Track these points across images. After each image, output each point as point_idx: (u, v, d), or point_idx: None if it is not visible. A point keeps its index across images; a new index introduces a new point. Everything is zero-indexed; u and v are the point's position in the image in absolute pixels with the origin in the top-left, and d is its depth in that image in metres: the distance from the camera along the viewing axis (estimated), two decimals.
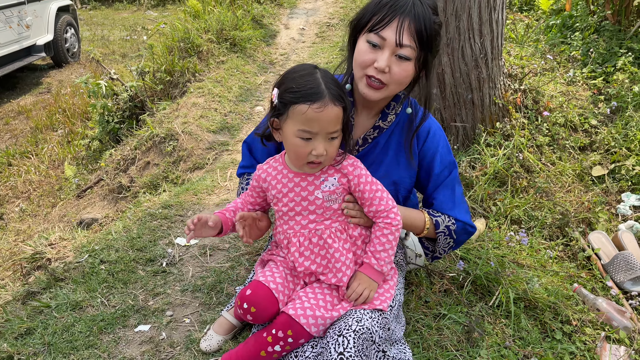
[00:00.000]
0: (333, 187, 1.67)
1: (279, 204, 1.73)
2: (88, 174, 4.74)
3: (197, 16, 6.17)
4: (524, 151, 3.03)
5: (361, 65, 1.64)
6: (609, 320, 2.16)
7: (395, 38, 1.55)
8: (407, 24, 1.54)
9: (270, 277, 1.69)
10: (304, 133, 1.54)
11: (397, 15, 1.54)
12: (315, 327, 1.57)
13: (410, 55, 1.58)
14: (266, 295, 1.64)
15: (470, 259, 2.33)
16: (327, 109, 1.51)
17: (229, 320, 1.88)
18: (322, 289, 1.68)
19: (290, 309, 1.60)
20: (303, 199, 1.69)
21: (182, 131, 4.04)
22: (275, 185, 1.72)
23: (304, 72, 1.58)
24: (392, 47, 1.57)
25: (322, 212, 1.69)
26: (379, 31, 1.57)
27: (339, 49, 5.91)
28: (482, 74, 2.92)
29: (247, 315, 1.63)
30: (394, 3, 1.55)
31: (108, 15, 12.28)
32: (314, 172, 1.67)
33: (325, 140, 1.56)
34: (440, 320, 2.01)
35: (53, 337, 1.91)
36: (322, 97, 1.51)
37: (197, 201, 3.02)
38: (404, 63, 1.60)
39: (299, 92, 1.53)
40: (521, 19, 5.13)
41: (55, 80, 7.85)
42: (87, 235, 2.97)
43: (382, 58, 1.58)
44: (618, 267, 2.51)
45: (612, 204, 2.96)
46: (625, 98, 3.49)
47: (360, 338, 1.51)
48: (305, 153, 1.58)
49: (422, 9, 1.55)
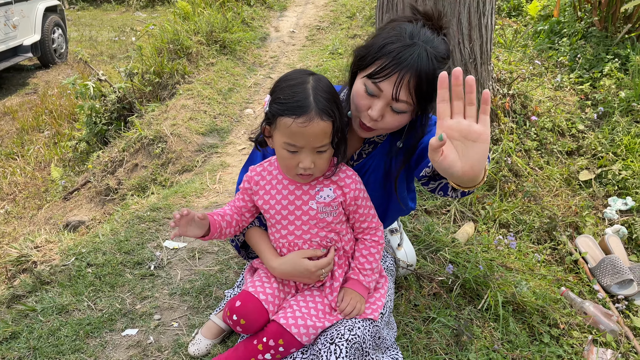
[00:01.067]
0: (329, 199, 1.63)
1: (270, 210, 1.68)
2: (75, 175, 4.69)
3: (187, 18, 6.15)
4: (513, 155, 3.05)
5: (357, 108, 1.58)
6: (596, 324, 2.18)
7: (391, 92, 1.47)
8: (407, 80, 1.44)
9: (260, 288, 1.66)
10: (290, 146, 1.49)
11: (398, 69, 1.44)
12: (306, 337, 1.57)
13: (405, 109, 1.51)
14: (256, 306, 1.61)
15: (459, 263, 2.33)
16: (313, 123, 1.43)
17: (218, 325, 1.87)
18: (314, 297, 1.67)
19: (282, 317, 1.59)
20: (297, 208, 1.65)
21: (171, 133, 4.02)
22: (269, 191, 1.68)
23: (295, 82, 1.50)
24: (387, 99, 1.49)
25: (315, 222, 1.65)
26: (377, 82, 1.48)
27: (329, 52, 5.92)
28: None
29: (237, 326, 1.61)
30: (398, 54, 1.44)
31: (96, 16, 12.19)
32: (305, 182, 1.63)
33: (313, 153, 1.51)
34: (429, 324, 2.01)
35: (39, 341, 1.88)
36: (308, 111, 1.43)
37: (186, 204, 3.00)
38: (398, 115, 1.53)
39: (285, 105, 1.46)
40: (510, 24, 5.17)
41: (42, 81, 7.77)
42: (74, 237, 2.94)
43: (376, 108, 1.50)
44: (605, 270, 2.54)
45: (599, 208, 2.99)
46: (612, 103, 3.53)
47: (352, 347, 1.51)
48: (292, 165, 1.54)
49: (426, 63, 1.43)
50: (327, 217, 1.64)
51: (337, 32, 6.75)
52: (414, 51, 1.43)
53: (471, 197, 2.83)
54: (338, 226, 1.68)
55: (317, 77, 1.54)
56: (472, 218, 2.79)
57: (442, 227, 2.66)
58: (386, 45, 1.46)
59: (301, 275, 1.66)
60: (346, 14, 7.41)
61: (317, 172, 1.57)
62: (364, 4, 7.46)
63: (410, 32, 1.47)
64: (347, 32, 6.54)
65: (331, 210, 1.64)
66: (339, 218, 1.67)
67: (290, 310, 1.62)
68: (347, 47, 5.91)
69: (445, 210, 2.81)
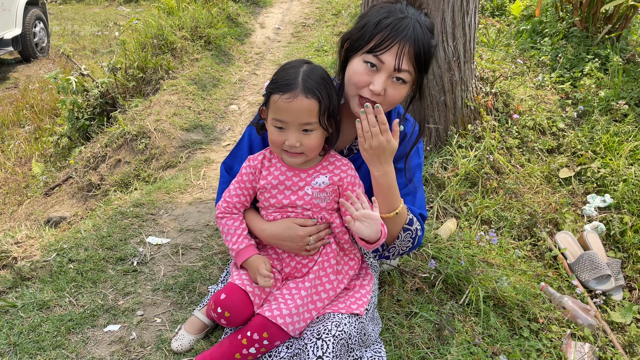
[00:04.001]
0: (323, 185, 1.70)
1: (265, 194, 1.75)
2: (56, 171, 4.63)
3: (171, 13, 6.09)
4: (494, 153, 3.09)
5: (356, 86, 1.61)
6: (574, 318, 2.22)
7: (394, 63, 1.54)
8: (407, 49, 1.53)
9: (246, 280, 1.68)
10: (277, 122, 1.60)
11: (398, 40, 1.52)
12: (292, 326, 1.58)
13: (407, 79, 1.59)
14: (241, 299, 1.63)
15: (441, 258, 2.36)
16: (297, 100, 1.54)
17: (201, 320, 1.87)
18: (299, 290, 1.69)
19: (266, 310, 1.60)
20: (292, 193, 1.72)
21: (155, 129, 3.99)
22: (265, 176, 1.75)
23: (291, 66, 1.63)
24: (389, 71, 1.56)
25: (309, 207, 1.72)
26: (379, 54, 1.55)
27: (314, 49, 5.92)
28: (455, 76, 2.97)
29: (221, 319, 1.62)
30: (395, 25, 1.53)
31: (79, 10, 12.01)
32: (296, 163, 1.70)
33: (299, 131, 1.59)
34: (412, 319, 2.03)
35: (19, 337, 1.86)
36: (294, 88, 1.55)
37: (170, 200, 2.98)
38: (400, 86, 1.60)
39: (276, 83, 1.59)
40: (493, 23, 5.23)
41: (23, 75, 7.65)
42: (55, 233, 2.91)
43: (379, 81, 1.56)
44: (583, 266, 2.58)
45: (578, 205, 3.04)
46: (592, 102, 3.59)
47: (338, 343, 1.53)
48: (279, 142, 1.63)
49: (421, 32, 1.54)
50: (321, 203, 1.72)
51: (322, 29, 6.75)
52: (408, 23, 1.54)
53: (454, 193, 2.86)
54: (329, 213, 1.74)
55: (313, 65, 1.65)
56: (454, 214, 2.82)
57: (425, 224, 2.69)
58: (381, 21, 1.55)
59: (290, 239, 1.71)
60: (332, 11, 7.42)
61: (308, 151, 1.64)
62: (350, 2, 7.47)
63: (399, 8, 1.58)
64: (333, 30, 6.55)
65: (325, 197, 1.72)
66: (331, 205, 1.75)
67: (275, 302, 1.64)
68: (333, 44, 5.92)
69: (428, 207, 2.83)
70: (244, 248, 1.74)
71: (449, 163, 3.04)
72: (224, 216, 1.81)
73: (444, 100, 3.01)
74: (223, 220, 1.81)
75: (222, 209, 1.81)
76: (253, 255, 1.72)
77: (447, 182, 2.93)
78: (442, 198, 2.86)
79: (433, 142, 3.13)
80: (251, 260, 1.71)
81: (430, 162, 3.02)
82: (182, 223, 2.71)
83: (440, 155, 3.07)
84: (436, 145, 3.15)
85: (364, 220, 1.57)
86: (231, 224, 1.79)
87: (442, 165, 3.04)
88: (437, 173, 2.97)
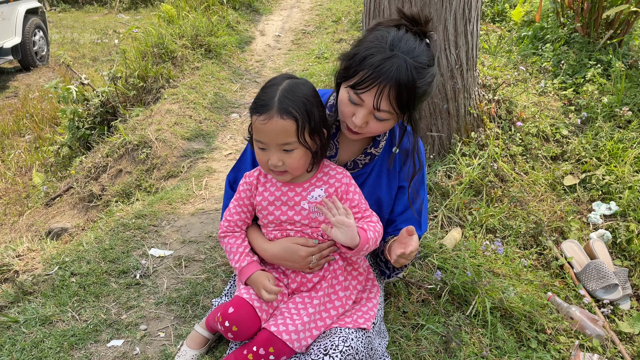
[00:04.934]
0: (320, 199, 1.67)
1: (263, 211, 1.73)
2: (57, 181, 4.61)
3: (171, 21, 6.10)
4: (498, 161, 3.07)
5: (342, 114, 1.64)
6: (582, 329, 2.20)
7: (372, 103, 1.52)
8: (387, 92, 1.49)
9: (254, 295, 1.66)
10: (258, 142, 1.60)
11: (378, 82, 1.48)
12: (297, 343, 1.56)
13: (388, 117, 1.57)
14: (249, 313, 1.61)
15: (447, 269, 2.34)
16: (272, 121, 1.52)
17: (201, 334, 1.84)
18: (306, 305, 1.67)
19: (272, 325, 1.58)
20: (289, 209, 1.69)
21: (156, 138, 3.97)
22: (262, 192, 1.73)
23: (272, 83, 1.60)
24: (369, 109, 1.55)
25: (307, 222, 1.69)
26: (359, 93, 1.53)
27: (314, 56, 5.91)
28: (458, 84, 2.96)
29: (228, 333, 1.60)
30: (378, 66, 1.48)
31: (78, 18, 12.03)
32: (285, 180, 1.68)
33: (279, 151, 1.58)
34: (418, 331, 2.01)
35: (21, 353, 1.84)
36: (269, 109, 1.53)
37: (172, 211, 2.96)
38: (382, 122, 1.59)
39: (255, 104, 1.58)
40: (494, 30, 5.22)
41: (23, 84, 7.64)
42: (57, 246, 2.88)
43: (359, 116, 1.56)
44: (590, 275, 2.56)
45: (584, 213, 3.02)
46: (595, 109, 3.58)
47: (346, 359, 1.51)
48: (263, 162, 1.63)
49: (405, 74, 1.47)
50: (319, 217, 1.69)
51: (323, 36, 6.75)
52: (393, 63, 1.48)
53: (458, 202, 2.84)
54: None
55: (294, 81, 1.60)
56: (459, 223, 2.80)
57: (429, 233, 2.67)
58: (367, 58, 1.51)
59: (291, 260, 1.69)
60: (332, 18, 7.42)
61: (291, 170, 1.62)
62: (350, 8, 7.48)
63: (391, 42, 1.51)
64: (333, 37, 6.54)
65: None
66: None
67: (281, 317, 1.62)
68: (333, 51, 5.92)
69: (432, 216, 2.81)
70: (246, 265, 1.71)
71: (453, 171, 3.02)
72: (226, 235, 1.80)
73: (446, 108, 3.00)
74: (226, 240, 1.79)
75: (224, 228, 1.79)
76: (256, 272, 1.69)
77: (451, 190, 2.91)
78: (446, 207, 2.84)
79: (436, 151, 3.12)
80: (254, 276, 1.68)
81: (434, 171, 3.01)
82: (185, 234, 2.69)
83: (443, 164, 3.05)
84: (439, 154, 3.13)
85: (340, 227, 1.54)
86: (233, 242, 1.77)
87: (445, 174, 3.02)
88: (441, 182, 2.95)
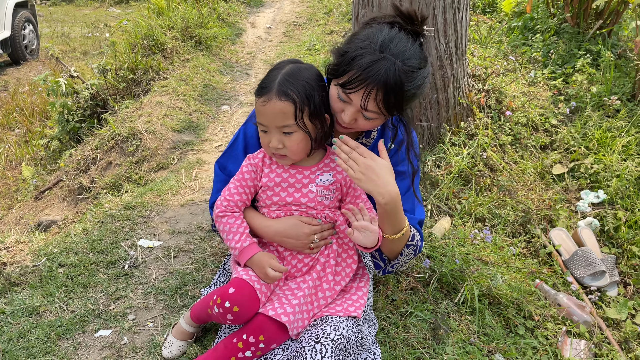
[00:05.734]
0: (327, 183, 1.70)
1: (268, 192, 1.74)
2: (47, 174, 4.59)
3: (161, 13, 6.05)
4: (488, 150, 3.08)
5: (332, 108, 1.66)
6: (569, 315, 2.22)
7: (360, 103, 1.53)
8: (374, 93, 1.49)
9: (254, 277, 1.64)
10: (260, 125, 1.63)
11: (365, 84, 1.48)
12: (293, 324, 1.57)
13: (375, 117, 1.58)
14: (250, 293, 1.58)
15: (436, 257, 2.35)
16: (270, 103, 1.55)
17: (186, 330, 1.81)
18: (301, 289, 1.67)
19: (270, 309, 1.57)
20: (296, 191, 1.71)
21: (146, 130, 3.95)
22: (267, 174, 1.74)
23: (276, 67, 1.63)
24: (357, 108, 1.56)
25: (314, 205, 1.72)
26: (347, 92, 1.54)
27: (306, 48, 5.89)
28: (447, 74, 2.96)
29: (228, 314, 1.54)
30: (366, 68, 1.48)
31: (69, 12, 11.93)
32: (286, 164, 1.71)
33: (279, 133, 1.60)
34: (407, 319, 2.02)
35: (8, 344, 1.83)
36: (269, 91, 1.56)
37: (161, 202, 2.95)
38: (370, 120, 1.60)
39: (259, 86, 1.61)
40: (484, 20, 5.22)
41: (13, 78, 7.58)
42: (45, 238, 2.87)
43: (347, 114, 1.58)
44: (578, 262, 2.58)
45: (572, 201, 3.04)
46: (584, 98, 3.59)
47: (337, 347, 1.52)
48: (265, 144, 1.66)
49: (393, 77, 1.47)
50: (325, 201, 1.73)
51: (314, 28, 6.73)
52: (381, 66, 1.48)
53: (447, 191, 2.85)
54: (332, 211, 1.75)
55: (297, 65, 1.63)
56: (448, 212, 2.81)
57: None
58: (356, 58, 1.51)
59: (295, 237, 1.70)
60: (323, 10, 7.39)
61: (290, 154, 1.64)
62: (341, 0, 7.45)
63: (382, 43, 1.50)
64: (324, 29, 6.52)
65: (329, 194, 1.73)
66: (334, 203, 1.76)
67: (278, 302, 1.63)
68: (324, 43, 5.90)
69: None
70: (248, 246, 1.69)
71: (442, 161, 3.02)
72: (224, 215, 1.75)
73: (436, 98, 3.00)
74: (224, 219, 1.75)
75: (223, 207, 1.75)
76: (258, 253, 1.68)
77: (440, 180, 2.91)
78: (435, 196, 2.85)
79: (426, 141, 3.12)
80: (257, 257, 1.66)
81: (424, 161, 3.01)
82: (174, 225, 2.68)
83: (433, 154, 3.06)
84: (429, 144, 3.13)
85: (363, 232, 1.58)
86: (233, 222, 1.74)
87: (435, 164, 3.02)
88: (431, 171, 2.96)
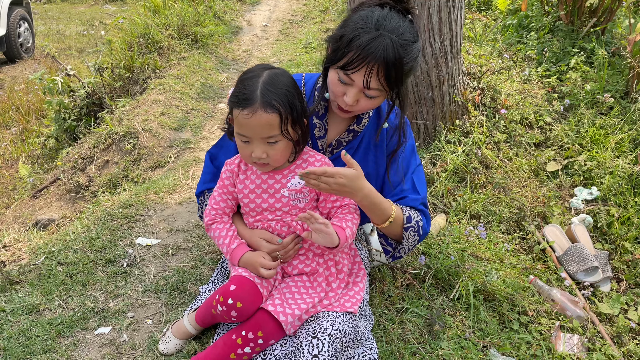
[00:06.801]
0: (300, 186, 1.69)
1: (244, 199, 1.75)
2: (44, 173, 4.59)
3: (157, 11, 6.05)
4: (483, 148, 3.11)
5: (332, 94, 1.68)
6: (563, 310, 2.25)
7: (362, 82, 1.56)
8: (376, 70, 1.53)
9: (253, 273, 1.68)
10: (240, 136, 1.60)
11: (366, 62, 1.52)
12: (290, 324, 1.60)
13: (378, 94, 1.62)
14: (252, 288, 1.62)
15: (431, 254, 2.37)
16: (256, 115, 1.53)
17: (188, 330, 1.82)
18: (298, 288, 1.70)
19: (269, 305, 1.61)
20: (270, 197, 1.71)
21: (143, 129, 3.96)
22: (243, 181, 1.75)
23: (250, 75, 1.59)
24: (360, 88, 1.59)
25: (288, 209, 1.72)
26: (349, 73, 1.57)
27: (302, 46, 5.90)
28: (442, 72, 2.98)
29: (232, 311, 1.58)
30: (365, 47, 1.51)
31: (64, 9, 11.89)
32: (267, 171, 1.71)
33: (263, 144, 1.59)
34: (403, 314, 2.05)
35: (8, 342, 1.85)
36: (252, 103, 1.52)
37: (159, 200, 2.97)
38: (372, 99, 1.64)
39: (237, 97, 1.56)
40: (479, 18, 5.25)
41: (8, 77, 7.56)
42: (44, 236, 2.88)
43: (350, 95, 1.61)
44: (571, 258, 2.61)
45: (566, 198, 3.07)
46: (578, 96, 3.62)
47: (334, 342, 1.54)
48: (247, 155, 1.63)
49: (392, 52, 1.51)
50: (299, 204, 1.72)
51: (310, 26, 6.74)
52: (379, 43, 1.52)
53: (443, 189, 2.87)
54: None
55: (273, 72, 1.61)
56: (443, 210, 2.84)
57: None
58: (354, 39, 1.54)
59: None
60: (319, 7, 7.41)
61: (273, 162, 1.65)
62: None
63: (377, 21, 1.54)
64: (320, 26, 6.54)
65: (303, 197, 1.72)
66: (311, 204, 1.75)
67: (278, 298, 1.65)
68: (321, 41, 5.91)
69: None
70: (236, 247, 1.73)
71: (438, 159, 3.05)
72: (213, 222, 1.81)
73: (431, 96, 3.02)
74: (213, 226, 1.81)
75: (212, 216, 1.81)
76: (247, 253, 1.71)
77: (435, 177, 2.94)
78: (431, 194, 2.87)
79: (421, 138, 3.14)
80: (247, 257, 1.69)
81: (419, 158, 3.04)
82: (172, 223, 2.70)
83: (428, 151, 3.09)
84: (424, 141, 3.16)
85: (319, 233, 1.59)
86: (222, 227, 1.79)
87: (430, 161, 3.05)
88: (426, 169, 2.98)
